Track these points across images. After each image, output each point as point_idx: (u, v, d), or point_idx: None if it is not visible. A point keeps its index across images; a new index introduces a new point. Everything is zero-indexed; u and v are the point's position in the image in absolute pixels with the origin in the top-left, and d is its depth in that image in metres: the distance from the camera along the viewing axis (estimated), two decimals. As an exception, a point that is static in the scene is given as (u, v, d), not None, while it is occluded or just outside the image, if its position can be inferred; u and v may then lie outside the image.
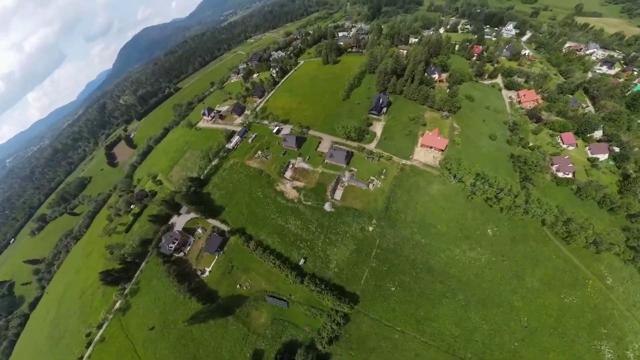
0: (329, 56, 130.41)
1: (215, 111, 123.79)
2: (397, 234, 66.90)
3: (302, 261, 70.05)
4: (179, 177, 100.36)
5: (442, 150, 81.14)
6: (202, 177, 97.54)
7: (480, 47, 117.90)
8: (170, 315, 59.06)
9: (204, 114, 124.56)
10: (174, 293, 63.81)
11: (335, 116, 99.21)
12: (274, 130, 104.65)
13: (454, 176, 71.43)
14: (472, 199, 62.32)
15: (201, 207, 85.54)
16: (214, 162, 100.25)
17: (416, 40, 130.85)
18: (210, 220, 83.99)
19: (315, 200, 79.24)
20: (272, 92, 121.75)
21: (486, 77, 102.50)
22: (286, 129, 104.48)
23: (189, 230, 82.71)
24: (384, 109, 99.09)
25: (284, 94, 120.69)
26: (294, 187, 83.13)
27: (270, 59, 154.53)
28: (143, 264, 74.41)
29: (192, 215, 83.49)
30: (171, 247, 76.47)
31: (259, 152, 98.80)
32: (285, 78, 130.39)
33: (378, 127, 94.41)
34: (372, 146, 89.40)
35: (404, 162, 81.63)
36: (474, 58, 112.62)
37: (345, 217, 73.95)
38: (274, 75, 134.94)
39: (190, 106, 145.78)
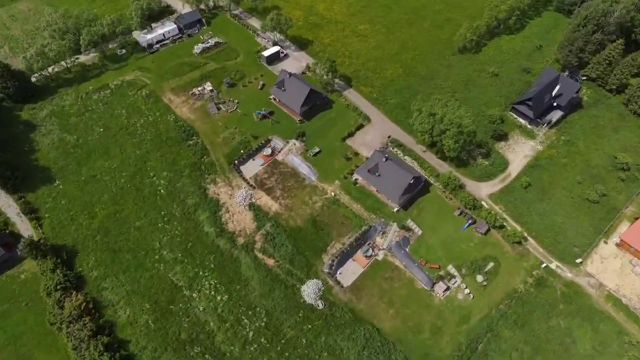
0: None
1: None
2: None
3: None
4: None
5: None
6: (34, 79, 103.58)
7: None
8: None
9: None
10: None
11: (426, 81, 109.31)
12: (266, 54, 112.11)
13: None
14: None
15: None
16: (84, 58, 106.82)
17: None
18: None
19: (289, 263, 79.24)
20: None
21: None
22: (294, 62, 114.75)
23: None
24: (555, 115, 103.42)
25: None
26: (253, 207, 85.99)
27: None
28: None
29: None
30: None
31: (207, 87, 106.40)
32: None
33: (519, 153, 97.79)
34: (484, 190, 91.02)
35: (555, 265, 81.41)
36: None
37: (342, 338, 72.61)
38: None
39: None
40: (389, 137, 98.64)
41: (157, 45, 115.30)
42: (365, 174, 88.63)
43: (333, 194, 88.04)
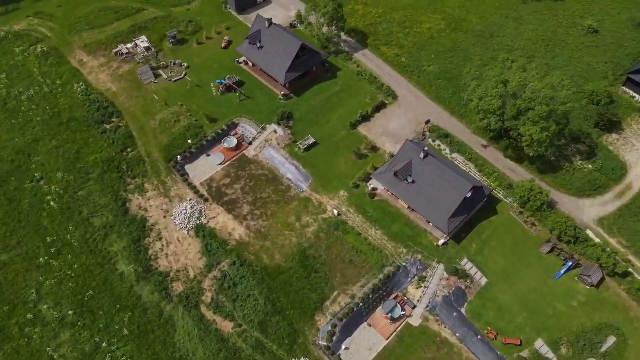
0: None
1: None
2: None
3: None
4: None
5: None
6: None
7: None
8: None
9: None
10: None
11: (483, 40, 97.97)
12: None
13: None
14: None
15: None
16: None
17: None
18: None
19: (259, 329, 66.57)
20: None
21: None
22: (279, 9, 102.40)
23: None
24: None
25: None
26: (202, 232, 73.36)
27: None
28: None
29: None
30: None
31: (141, 43, 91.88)
32: None
33: None
34: (589, 211, 75.70)
35: None
36: None
37: None
38: None
39: None
40: (427, 122, 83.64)
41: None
42: (390, 180, 72.86)
43: (336, 211, 72.96)
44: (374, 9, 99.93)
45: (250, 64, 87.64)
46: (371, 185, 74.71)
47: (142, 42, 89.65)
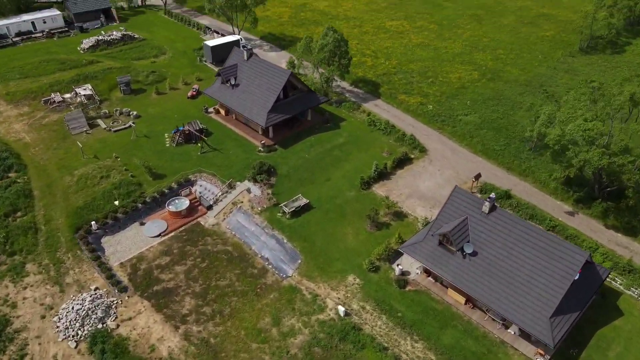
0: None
1: None
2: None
3: None
4: None
5: None
6: None
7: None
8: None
9: None
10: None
11: (532, 89, 78.63)
12: (212, 43, 78.51)
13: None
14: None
15: None
16: None
17: None
18: None
19: None
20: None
21: None
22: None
23: None
24: None
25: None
26: (100, 344, 47.84)
27: None
28: None
29: None
30: None
31: (82, 91, 71.32)
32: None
33: None
34: None
35: None
36: None
37: None
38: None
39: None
40: (476, 177, 56.07)
41: (17, 39, 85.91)
42: (433, 254, 44.22)
43: (342, 309, 44.06)
44: (387, 61, 79.06)
45: (222, 112, 62.96)
46: (400, 267, 44.21)
47: (84, 90, 66.39)
